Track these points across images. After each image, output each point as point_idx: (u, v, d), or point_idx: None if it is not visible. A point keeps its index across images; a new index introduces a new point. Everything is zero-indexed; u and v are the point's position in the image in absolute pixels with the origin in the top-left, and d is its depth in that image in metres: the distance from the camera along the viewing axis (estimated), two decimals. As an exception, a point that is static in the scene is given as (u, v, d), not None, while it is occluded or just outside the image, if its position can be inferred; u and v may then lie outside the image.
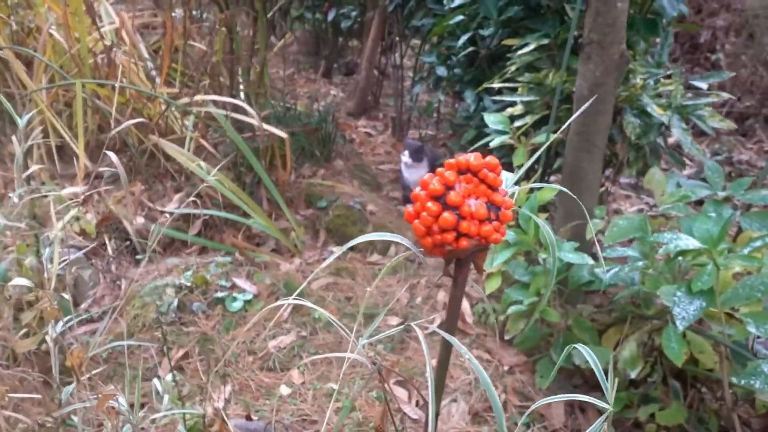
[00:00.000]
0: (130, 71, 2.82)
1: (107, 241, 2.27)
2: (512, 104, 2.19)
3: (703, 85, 1.96)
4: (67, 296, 1.60)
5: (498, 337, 1.99)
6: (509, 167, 2.77)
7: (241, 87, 3.22)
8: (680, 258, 1.45)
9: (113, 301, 2.00)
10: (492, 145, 1.93)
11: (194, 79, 2.94)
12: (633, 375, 1.46)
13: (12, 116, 1.88)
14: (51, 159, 2.84)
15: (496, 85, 2.14)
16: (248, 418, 1.60)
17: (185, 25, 2.81)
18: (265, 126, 2.45)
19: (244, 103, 2.50)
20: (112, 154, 1.36)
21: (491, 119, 1.99)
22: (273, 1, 4.09)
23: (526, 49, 2.08)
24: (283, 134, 2.44)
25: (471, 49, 2.49)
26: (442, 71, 2.84)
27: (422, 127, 3.98)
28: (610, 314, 1.90)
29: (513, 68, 2.16)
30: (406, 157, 2.81)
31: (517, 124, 2.01)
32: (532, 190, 1.93)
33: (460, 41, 2.58)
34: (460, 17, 2.61)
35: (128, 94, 2.77)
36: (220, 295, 1.99)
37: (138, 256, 2.26)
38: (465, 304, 2.12)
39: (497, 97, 2.15)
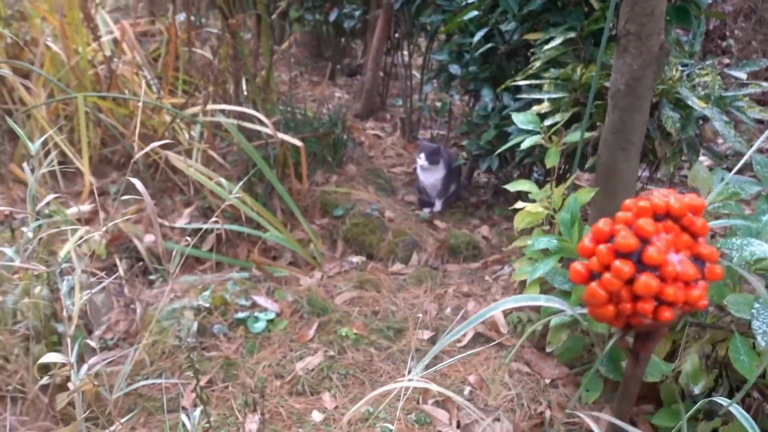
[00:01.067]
0: (132, 82, 2.72)
1: (118, 262, 2.16)
2: (536, 101, 2.09)
3: (742, 75, 1.86)
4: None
5: (536, 348, 1.89)
6: (543, 168, 2.66)
7: (245, 93, 3.12)
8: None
9: (129, 326, 1.90)
10: (523, 146, 1.83)
11: (198, 88, 2.84)
12: (697, 390, 1.36)
13: (12, 134, 1.78)
14: (53, 176, 2.74)
15: (522, 82, 2.04)
16: (281, 449, 1.50)
17: (188, 32, 2.70)
18: (280, 135, 2.34)
19: (255, 111, 2.39)
20: (137, 182, 1.25)
21: (520, 119, 1.88)
22: (275, 4, 3.99)
23: (552, 44, 1.97)
24: (297, 142, 2.34)
25: (489, 45, 2.38)
26: (455, 69, 2.74)
27: (433, 128, 3.87)
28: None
29: (537, 64, 2.06)
30: (422, 159, 2.71)
31: (547, 123, 1.90)
32: (568, 192, 1.83)
33: (476, 37, 2.47)
34: (474, 12, 2.50)
35: (131, 105, 2.67)
36: (240, 315, 1.89)
37: (151, 277, 2.15)
38: (498, 313, 2.02)
39: (522, 95, 2.04)
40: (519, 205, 1.82)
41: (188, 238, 1.92)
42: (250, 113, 2.40)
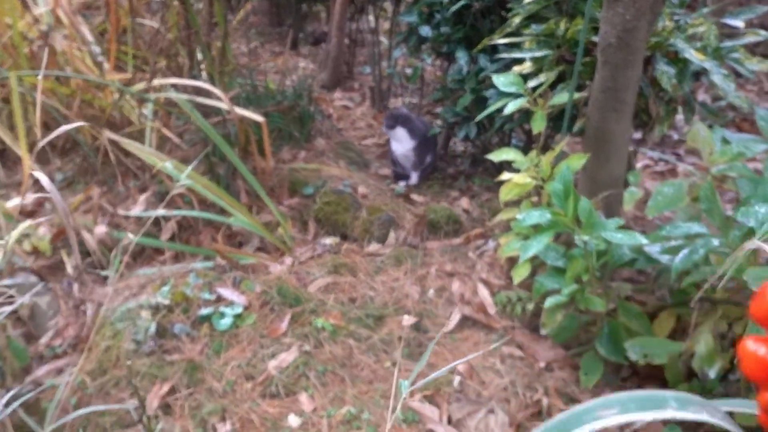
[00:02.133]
0: (74, 58, 2.47)
1: (65, 259, 1.96)
2: (517, 62, 1.91)
3: (740, 23, 1.71)
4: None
5: (528, 329, 1.76)
6: (523, 134, 2.48)
7: (202, 66, 2.89)
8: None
9: (79, 330, 1.71)
10: (506, 110, 1.66)
11: (148, 62, 2.59)
12: (713, 374, 1.24)
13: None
14: (-9, 165, 2.49)
15: (501, 41, 1.86)
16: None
17: (131, 1, 2.45)
18: (237, 109, 2.13)
19: (208, 85, 2.18)
20: (43, 177, 1.05)
21: (501, 80, 1.71)
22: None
23: (533, -4, 1.79)
24: (258, 117, 2.13)
25: (462, 3, 2.19)
26: (426, 31, 2.54)
27: (404, 96, 3.68)
28: (653, 294, 1.68)
29: (517, 20, 1.88)
30: (384, 126, 2.54)
31: (531, 84, 1.74)
32: (557, 159, 1.68)
33: (447, -5, 2.28)
34: (445, -32, 2.31)
35: (74, 84, 2.42)
36: (204, 311, 1.71)
37: (103, 273, 1.96)
38: (485, 293, 1.88)
39: (501, 56, 1.87)
40: (505, 176, 1.66)
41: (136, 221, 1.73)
42: (204, 87, 2.18)
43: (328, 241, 2.21)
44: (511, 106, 1.65)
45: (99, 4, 3.74)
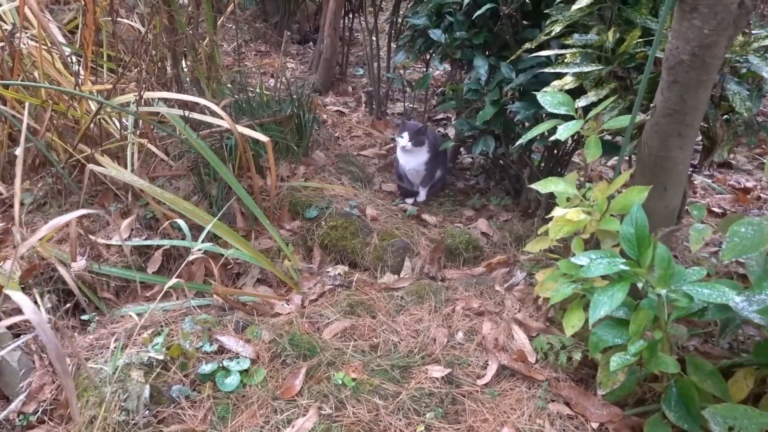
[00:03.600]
0: (43, 62, 2.17)
1: (39, 300, 1.69)
2: (555, 75, 1.70)
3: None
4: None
5: (574, 381, 1.55)
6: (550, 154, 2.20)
7: (185, 69, 2.61)
8: None
9: (57, 392, 1.45)
10: (561, 135, 1.44)
11: (124, 64, 2.31)
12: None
13: None
14: (-51, 185, 2.19)
15: (547, 53, 1.65)
16: None
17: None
18: (239, 128, 1.88)
19: (203, 100, 1.92)
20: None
21: (548, 100, 1.50)
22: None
23: (579, 4, 1.58)
24: (262, 137, 1.89)
25: (489, 6, 1.97)
26: (437, 35, 2.31)
27: (403, 101, 3.45)
28: (717, 345, 1.50)
29: (557, 28, 1.66)
30: (404, 140, 2.31)
31: (581, 103, 1.53)
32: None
33: (468, -4, 2.06)
34: (463, -34, 2.08)
35: (44, 93, 2.13)
36: (206, 368, 1.47)
37: (84, 317, 1.69)
38: (522, 337, 1.67)
39: (549, 70, 1.65)
40: (557, 212, 1.44)
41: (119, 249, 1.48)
42: (196, 101, 1.92)
43: (338, 271, 1.98)
44: (566, 131, 1.44)
45: (68, -1, 3.42)
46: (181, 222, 1.65)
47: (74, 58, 2.46)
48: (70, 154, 2.10)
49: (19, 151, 1.53)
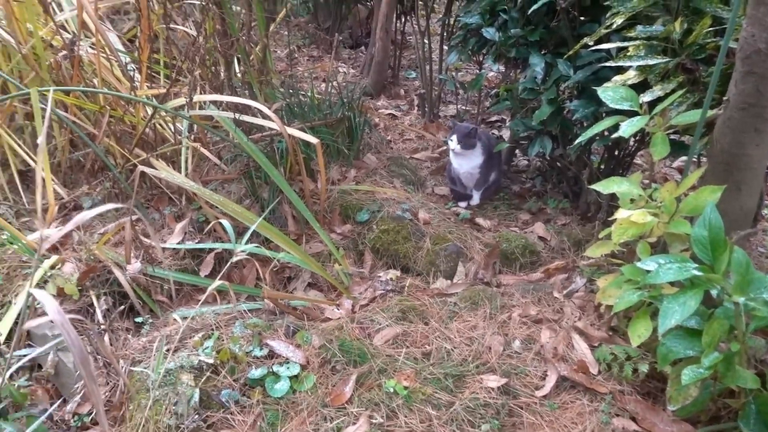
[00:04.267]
0: (101, 68, 2.23)
1: (95, 302, 1.71)
2: (617, 69, 1.61)
3: None
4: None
5: (640, 394, 1.46)
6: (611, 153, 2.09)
7: (238, 74, 2.63)
8: None
9: (111, 394, 1.46)
10: (623, 132, 1.36)
11: (181, 70, 2.35)
12: None
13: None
14: (14, 188, 2.27)
15: (608, 45, 1.56)
16: None
17: (165, 5, 2.20)
18: (289, 130, 1.87)
19: (254, 102, 1.92)
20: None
21: (609, 95, 1.42)
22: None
23: (643, -7, 1.49)
24: (312, 138, 1.87)
25: (546, 0, 1.89)
26: (490, 33, 2.25)
27: (456, 103, 3.39)
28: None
29: (618, 21, 1.58)
30: (453, 143, 2.25)
31: (645, 98, 1.44)
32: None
33: (523, -8, 1.99)
34: (519, -39, 2.01)
35: (102, 98, 2.18)
36: (256, 373, 1.45)
37: (138, 319, 1.71)
38: (583, 347, 1.58)
39: (610, 64, 1.56)
40: (621, 213, 1.36)
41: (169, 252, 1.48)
42: (248, 104, 1.92)
43: (389, 275, 1.94)
44: (629, 128, 1.35)
45: (127, 8, 3.52)
46: (226, 223, 1.64)
47: (132, 65, 2.52)
48: (127, 159, 2.14)
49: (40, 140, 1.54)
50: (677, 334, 1.29)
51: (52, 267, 1.79)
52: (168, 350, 1.49)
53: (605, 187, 1.43)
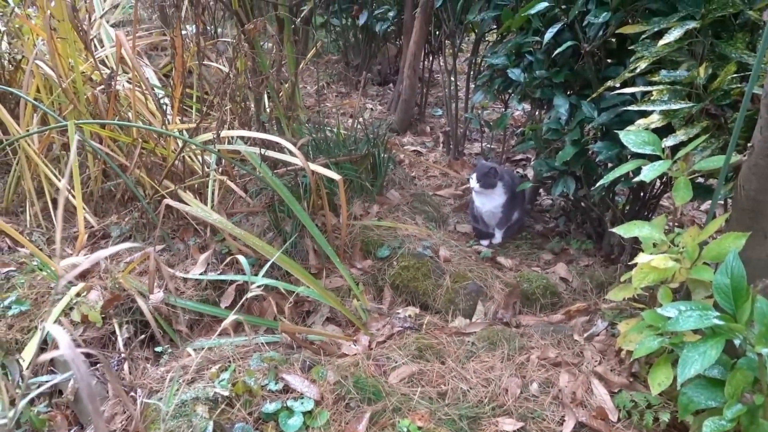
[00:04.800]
0: (136, 102, 2.31)
1: (117, 330, 1.74)
2: (640, 113, 1.61)
3: None
4: None
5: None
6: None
7: (268, 109, 2.70)
8: None
9: (127, 423, 1.47)
10: (645, 177, 1.35)
11: (213, 105, 2.42)
12: None
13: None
14: (47, 215, 2.34)
15: (634, 90, 1.57)
16: None
17: (198, 43, 2.28)
18: (312, 166, 1.90)
19: (280, 139, 1.96)
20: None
21: (632, 139, 1.42)
22: (298, 8, 3.57)
23: (667, 38, 1.50)
24: (334, 175, 1.90)
25: (570, 43, 1.91)
26: (516, 74, 2.27)
27: (481, 141, 3.41)
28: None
29: (642, 65, 1.58)
30: (473, 181, 2.26)
31: (669, 143, 1.43)
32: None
33: (547, 35, 2.01)
34: (543, 5, 2.04)
35: (135, 131, 2.25)
36: (270, 407, 1.45)
37: (157, 349, 1.73)
38: (602, 392, 1.55)
39: (633, 108, 1.56)
40: (641, 258, 1.34)
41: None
42: (275, 140, 1.97)
43: (408, 312, 1.93)
44: (651, 173, 1.34)
45: (165, 45, 3.66)
46: (243, 259, 1.67)
47: (166, 99, 2.61)
48: (156, 190, 2.20)
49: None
50: (699, 383, 1.26)
51: (78, 294, 1.83)
52: (184, 381, 1.50)
53: (627, 231, 1.42)
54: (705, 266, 1.31)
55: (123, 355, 1.66)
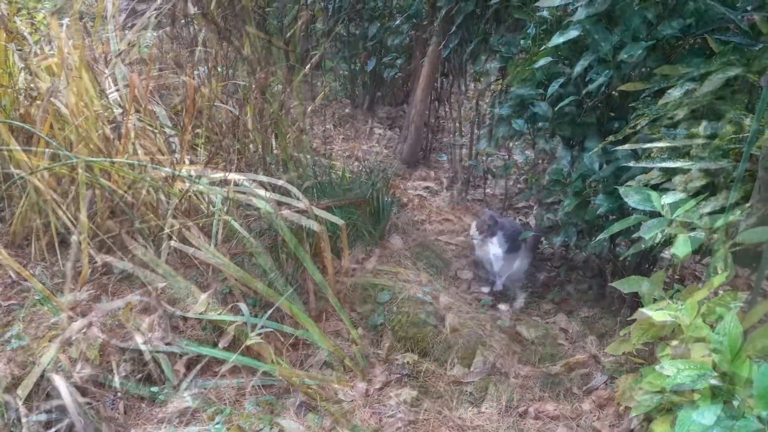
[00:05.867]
0: (146, 140, 2.35)
1: (114, 368, 1.74)
2: (640, 168, 1.64)
3: None
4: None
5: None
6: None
7: (275, 151, 2.74)
8: None
9: (118, 467, 1.46)
10: (645, 234, 1.37)
11: (221, 147, 2.46)
12: None
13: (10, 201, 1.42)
14: (52, 250, 2.36)
15: (630, 146, 1.60)
16: None
17: (209, 86, 2.34)
18: (319, 212, 1.93)
19: (287, 184, 1.99)
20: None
21: (635, 198, 1.43)
22: (309, 55, 3.66)
23: (667, 98, 1.53)
24: (338, 220, 1.92)
25: (572, 98, 1.96)
26: (519, 125, 2.31)
27: (485, 187, 3.44)
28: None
29: (642, 122, 1.62)
30: (472, 230, 2.28)
31: (667, 200, 1.45)
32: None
33: (550, 89, 2.06)
34: (547, 59, 2.09)
35: (142, 169, 2.29)
36: (264, 453, 1.43)
37: (153, 389, 1.72)
38: (600, 449, 1.53)
39: (631, 164, 1.59)
40: (642, 313, 1.34)
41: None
42: (279, 185, 2.00)
43: (406, 359, 1.92)
44: (649, 231, 1.36)
45: (177, 84, 3.74)
46: (243, 307, 1.68)
47: (176, 138, 2.65)
48: (161, 228, 2.22)
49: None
50: (698, 442, 1.24)
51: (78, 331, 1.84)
52: (180, 423, 1.49)
53: (626, 285, 1.43)
54: (702, 324, 1.31)
55: (119, 394, 1.65)
